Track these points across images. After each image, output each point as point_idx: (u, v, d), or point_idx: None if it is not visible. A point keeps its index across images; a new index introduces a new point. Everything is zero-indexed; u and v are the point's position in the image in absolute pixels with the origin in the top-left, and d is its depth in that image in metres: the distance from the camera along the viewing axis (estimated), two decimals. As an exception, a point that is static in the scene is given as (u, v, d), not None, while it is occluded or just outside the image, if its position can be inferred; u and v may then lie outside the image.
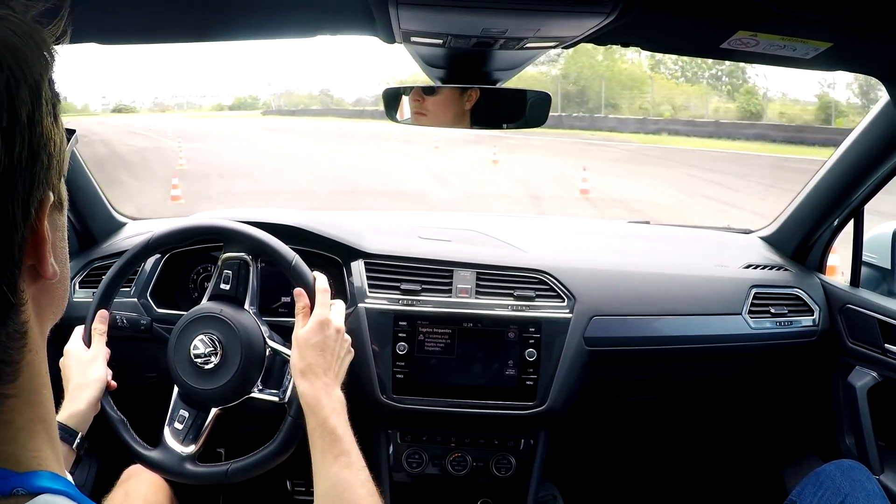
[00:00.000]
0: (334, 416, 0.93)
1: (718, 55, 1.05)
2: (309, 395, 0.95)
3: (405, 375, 1.35)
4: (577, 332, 1.38)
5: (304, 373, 0.98)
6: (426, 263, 1.44)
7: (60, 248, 0.48)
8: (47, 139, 0.43)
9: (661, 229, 2.01)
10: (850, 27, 0.94)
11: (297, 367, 0.99)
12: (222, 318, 1.11)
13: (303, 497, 1.70)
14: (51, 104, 0.43)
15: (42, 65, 0.42)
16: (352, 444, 0.91)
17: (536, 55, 1.10)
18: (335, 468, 0.88)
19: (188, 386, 1.09)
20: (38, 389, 0.46)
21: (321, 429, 0.91)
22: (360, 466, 0.89)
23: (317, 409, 0.93)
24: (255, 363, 1.10)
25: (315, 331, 1.01)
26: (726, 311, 1.50)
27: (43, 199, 0.43)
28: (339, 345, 1.03)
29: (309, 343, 1.00)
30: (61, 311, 0.51)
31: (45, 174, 0.43)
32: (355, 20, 0.98)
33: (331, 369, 0.99)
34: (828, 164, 1.54)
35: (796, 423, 1.73)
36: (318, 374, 0.97)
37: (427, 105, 1.19)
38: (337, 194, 9.46)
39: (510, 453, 1.41)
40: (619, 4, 0.79)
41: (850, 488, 1.09)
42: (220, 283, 1.16)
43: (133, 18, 0.99)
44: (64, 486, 0.44)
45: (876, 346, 1.45)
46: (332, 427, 0.91)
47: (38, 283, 0.45)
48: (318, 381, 0.97)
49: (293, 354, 1.01)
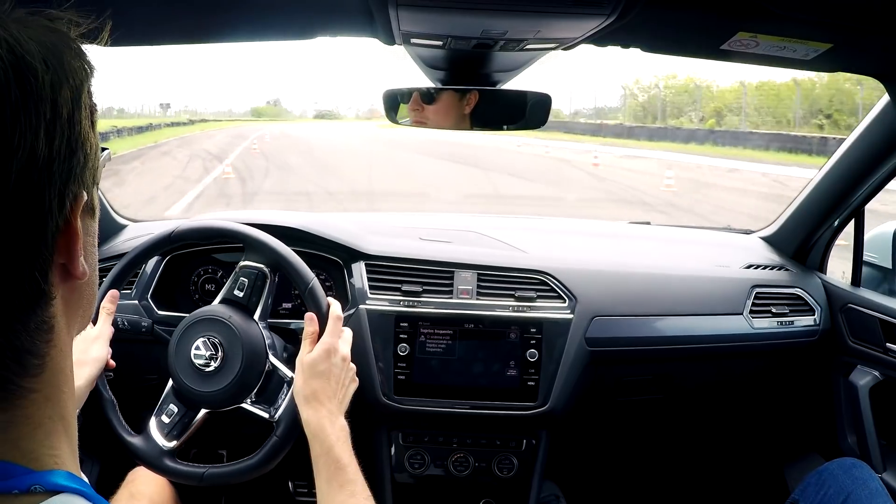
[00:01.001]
0: (339, 444, 0.93)
1: (718, 56, 1.06)
2: (313, 422, 0.95)
3: (406, 376, 1.35)
4: (579, 332, 1.38)
5: (309, 399, 0.98)
6: (427, 264, 1.44)
7: (91, 251, 0.50)
8: (84, 140, 0.45)
9: (661, 230, 2.01)
10: (849, 28, 0.94)
11: (301, 393, 0.99)
12: (229, 324, 1.11)
13: (304, 498, 1.70)
14: (89, 110, 0.47)
15: (82, 73, 0.46)
16: (356, 473, 0.92)
17: (537, 56, 1.10)
18: (341, 497, 0.88)
19: (184, 384, 1.10)
20: (60, 387, 0.46)
21: (326, 457, 0.92)
22: (366, 496, 0.90)
23: (321, 437, 0.94)
24: (253, 375, 1.11)
25: (322, 358, 1.01)
26: (727, 311, 1.50)
27: (78, 195, 0.45)
28: (344, 373, 1.03)
29: (315, 369, 1.00)
30: (90, 315, 0.53)
31: (81, 171, 0.45)
32: (355, 21, 0.98)
33: (335, 397, 0.99)
34: (828, 164, 1.54)
35: (798, 422, 1.73)
36: (322, 401, 0.97)
37: (426, 114, 1.19)
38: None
39: (512, 453, 1.41)
40: (619, 6, 0.79)
41: (853, 486, 1.09)
42: (234, 288, 1.16)
43: (133, 20, 0.99)
44: (80, 485, 0.44)
45: (877, 345, 1.45)
46: (336, 456, 0.92)
47: (69, 282, 0.46)
48: (323, 409, 0.97)
49: (297, 379, 1.01)
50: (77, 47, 0.46)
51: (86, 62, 0.47)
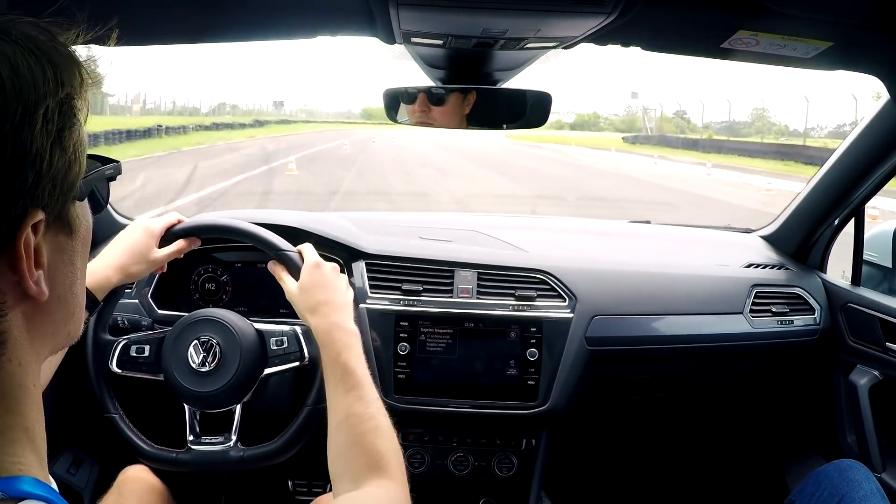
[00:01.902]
0: (346, 350, 0.91)
1: (719, 55, 1.06)
2: (322, 330, 0.94)
3: (407, 376, 1.35)
4: (579, 331, 1.38)
5: (314, 310, 0.96)
6: (427, 264, 1.44)
7: (65, 272, 0.49)
8: (38, 156, 0.43)
9: (661, 229, 2.01)
10: (850, 26, 0.94)
11: (304, 308, 0.98)
12: (229, 327, 1.12)
13: (304, 497, 1.70)
14: (54, 125, 0.44)
15: (48, 87, 0.43)
16: (364, 377, 0.90)
17: (537, 55, 1.10)
18: (347, 401, 0.87)
19: (176, 381, 1.10)
20: (19, 399, 0.46)
21: (334, 363, 0.90)
22: (372, 398, 0.88)
23: (328, 343, 0.92)
24: (249, 379, 1.11)
25: (312, 273, 1.00)
26: (727, 311, 1.50)
27: (24, 216, 0.43)
28: (339, 280, 1.02)
29: (311, 285, 0.99)
30: (68, 336, 0.52)
31: (32, 189, 0.43)
32: (356, 21, 0.98)
33: (338, 304, 0.98)
34: (828, 163, 1.54)
35: (798, 421, 1.73)
36: (327, 312, 0.96)
37: (433, 114, 1.19)
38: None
39: (512, 453, 1.41)
40: (620, 4, 0.79)
41: (848, 488, 1.09)
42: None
43: (133, 20, 0.99)
44: (46, 492, 0.44)
45: (877, 345, 1.45)
46: (344, 361, 0.90)
47: (29, 300, 0.45)
48: (331, 316, 0.95)
49: (297, 302, 0.99)
50: (53, 60, 0.44)
51: (59, 76, 0.44)
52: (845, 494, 1.08)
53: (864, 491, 1.08)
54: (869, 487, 1.09)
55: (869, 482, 1.10)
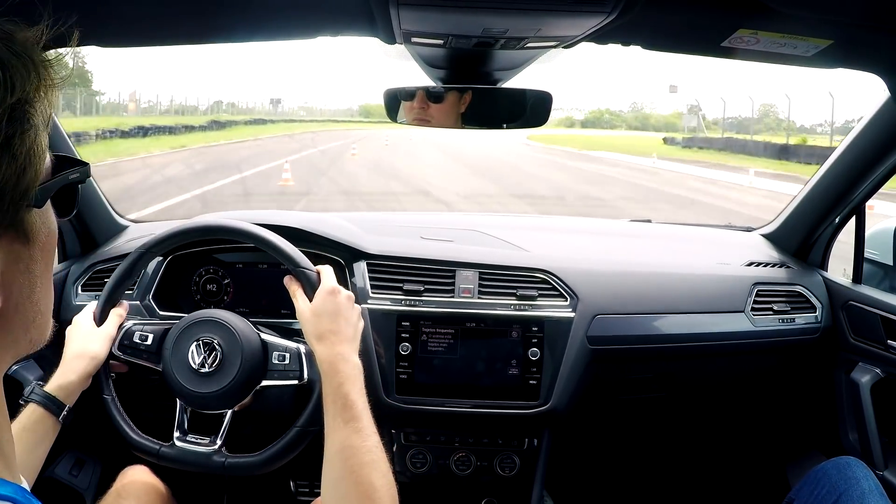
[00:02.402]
0: (348, 382, 0.92)
1: (719, 54, 1.06)
2: (326, 360, 0.94)
3: (408, 376, 1.35)
4: (580, 331, 1.38)
5: (321, 337, 0.96)
6: (428, 264, 1.44)
7: (20, 281, 0.47)
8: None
9: (662, 228, 2.01)
10: (850, 24, 0.94)
11: (313, 333, 0.97)
12: (231, 329, 1.11)
13: (306, 498, 1.70)
14: (1, 133, 0.42)
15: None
16: (364, 410, 0.90)
17: (537, 55, 1.10)
18: (344, 433, 0.87)
19: (176, 381, 1.10)
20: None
21: (335, 394, 0.91)
22: (370, 432, 0.88)
23: (331, 374, 0.92)
24: (249, 383, 1.10)
25: (326, 299, 1.00)
26: (729, 309, 1.50)
27: None
28: (351, 311, 1.02)
29: (323, 310, 0.98)
30: (30, 343, 0.50)
31: None
32: (356, 21, 0.98)
33: (346, 336, 0.98)
34: (829, 161, 1.54)
35: (799, 419, 1.73)
36: (334, 342, 0.96)
37: (431, 112, 1.19)
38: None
39: (514, 452, 1.41)
40: (620, 3, 0.79)
41: (846, 486, 1.09)
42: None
43: (133, 21, 0.99)
44: (11, 492, 0.44)
45: (879, 343, 1.45)
46: (345, 392, 0.90)
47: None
48: (337, 347, 0.95)
49: (305, 325, 0.99)
50: (3, 61, 0.42)
51: (12, 78, 0.42)
52: (843, 492, 1.09)
53: (862, 488, 1.08)
54: (867, 484, 1.09)
55: (867, 479, 1.10)
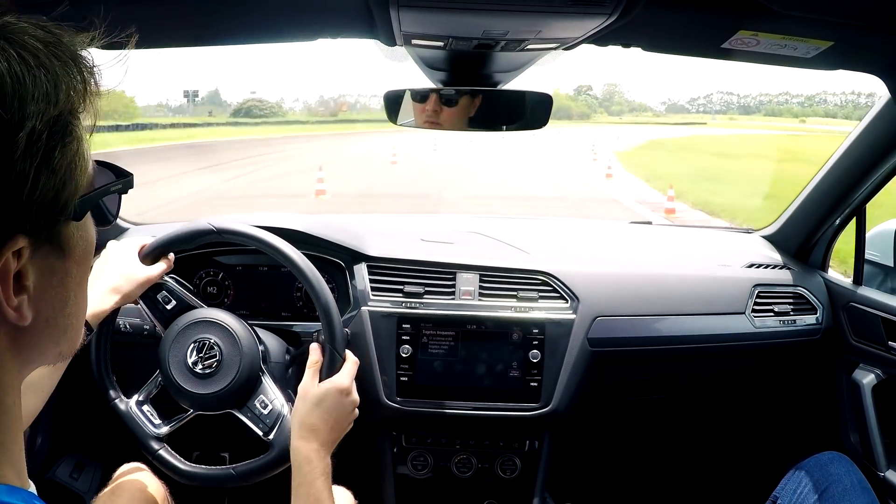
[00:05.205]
0: (321, 480, 0.93)
1: (719, 55, 1.06)
2: (302, 454, 0.94)
3: (409, 378, 1.35)
4: (581, 333, 1.38)
5: (304, 431, 0.96)
6: (429, 266, 1.44)
7: (54, 294, 0.46)
8: (18, 183, 0.40)
9: (663, 229, 2.01)
10: (850, 25, 0.94)
11: (299, 421, 0.97)
12: (230, 330, 1.12)
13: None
14: (41, 147, 0.40)
15: (38, 105, 0.40)
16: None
17: (537, 56, 1.10)
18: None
19: (173, 380, 1.11)
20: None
21: (306, 489, 0.92)
22: None
23: (305, 469, 0.93)
24: (248, 384, 1.11)
25: (332, 394, 0.99)
26: (729, 311, 1.50)
27: (3, 244, 0.41)
28: (348, 415, 1.02)
29: (322, 403, 0.98)
30: (59, 355, 0.50)
31: (8, 218, 0.41)
32: (356, 23, 0.98)
33: (331, 435, 0.98)
34: (829, 162, 1.54)
35: (801, 421, 1.73)
36: (317, 435, 0.96)
37: (444, 115, 1.19)
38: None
39: (515, 454, 1.41)
40: (621, 5, 0.79)
41: (829, 482, 1.09)
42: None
43: (133, 22, 0.99)
44: (21, 499, 0.43)
45: (879, 344, 1.45)
46: (317, 490, 0.92)
47: (10, 324, 0.44)
48: (315, 443, 0.95)
49: (299, 406, 0.99)
50: (25, 80, 0.40)
51: (31, 98, 0.40)
52: (826, 488, 1.09)
53: (844, 484, 1.08)
54: (850, 480, 1.09)
55: (850, 475, 1.10)
